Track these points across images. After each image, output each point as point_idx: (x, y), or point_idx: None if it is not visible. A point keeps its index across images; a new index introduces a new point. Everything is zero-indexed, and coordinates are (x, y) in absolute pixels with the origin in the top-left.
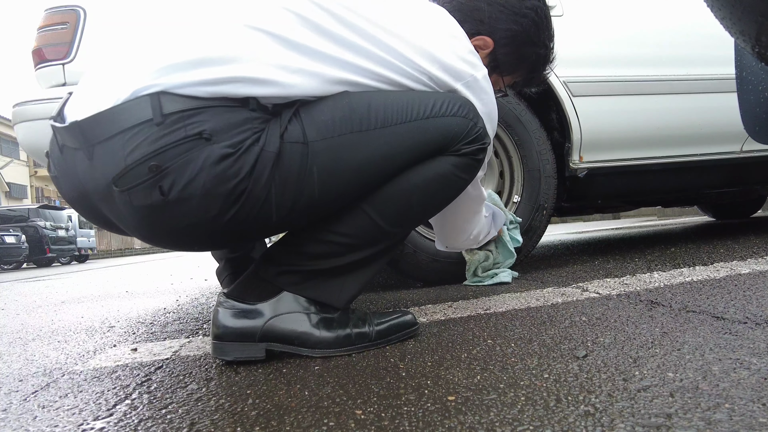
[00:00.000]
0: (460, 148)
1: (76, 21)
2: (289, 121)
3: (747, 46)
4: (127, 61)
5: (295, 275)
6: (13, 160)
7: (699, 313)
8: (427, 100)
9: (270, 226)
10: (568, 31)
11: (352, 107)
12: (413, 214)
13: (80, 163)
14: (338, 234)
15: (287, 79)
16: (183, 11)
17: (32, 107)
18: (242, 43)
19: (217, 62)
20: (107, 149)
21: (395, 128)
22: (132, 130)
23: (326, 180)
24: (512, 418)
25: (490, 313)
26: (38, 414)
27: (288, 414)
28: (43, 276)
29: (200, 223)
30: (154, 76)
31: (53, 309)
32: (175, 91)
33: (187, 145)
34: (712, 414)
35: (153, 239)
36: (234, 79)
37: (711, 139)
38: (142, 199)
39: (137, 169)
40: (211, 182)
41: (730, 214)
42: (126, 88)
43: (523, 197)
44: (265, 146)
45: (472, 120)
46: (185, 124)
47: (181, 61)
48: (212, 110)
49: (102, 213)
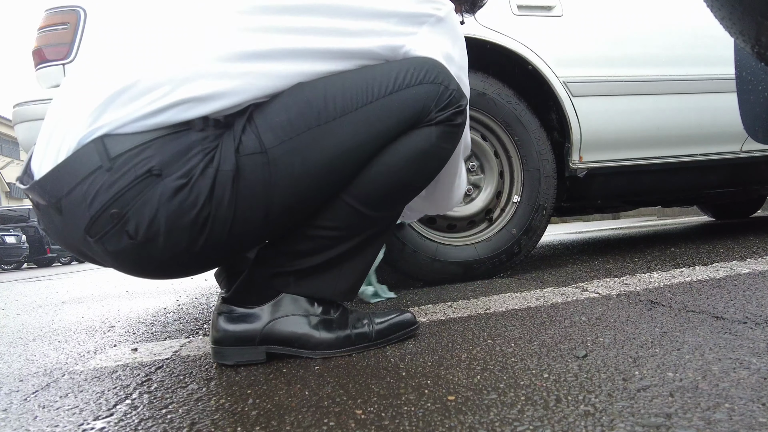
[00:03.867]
0: (434, 117)
1: (76, 21)
2: (243, 131)
3: (747, 46)
4: (69, 101)
5: (288, 276)
6: (14, 160)
7: (699, 312)
8: (389, 74)
9: (250, 240)
10: (568, 31)
11: (307, 100)
12: (398, 195)
13: (55, 218)
14: (324, 228)
15: (231, 87)
16: (114, 31)
17: (33, 107)
18: (175, 61)
19: (150, 88)
20: (71, 202)
21: (358, 113)
22: (87, 180)
23: (296, 184)
24: (512, 418)
25: (490, 313)
26: (39, 414)
27: (288, 414)
28: (44, 276)
29: (176, 256)
30: (92, 118)
31: (54, 309)
32: (117, 131)
33: (140, 186)
34: (712, 414)
35: (138, 275)
36: (174, 104)
37: (711, 139)
38: (114, 245)
39: (101, 218)
40: (172, 217)
41: (730, 214)
42: (71, 137)
43: (523, 197)
44: (220, 166)
45: (443, 83)
46: (134, 164)
47: (112, 94)
48: (157, 142)
49: (91, 256)
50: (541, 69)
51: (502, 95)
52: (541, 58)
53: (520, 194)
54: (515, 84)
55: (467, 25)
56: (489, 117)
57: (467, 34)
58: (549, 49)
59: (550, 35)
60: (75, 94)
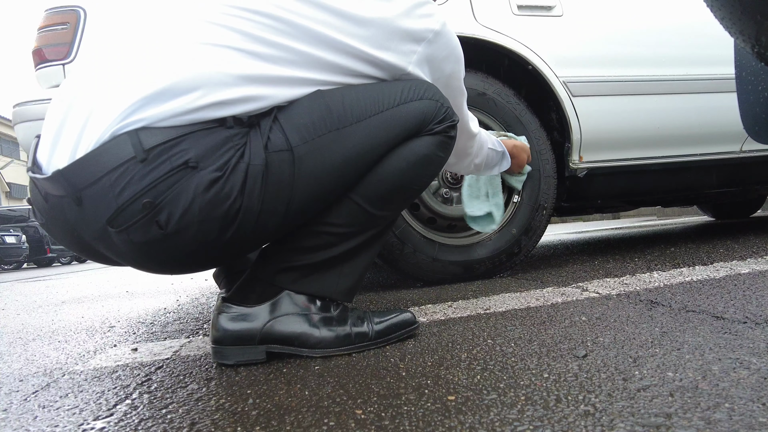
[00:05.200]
0: (433, 128)
1: (76, 21)
2: (270, 130)
3: (747, 46)
4: (93, 96)
5: (292, 272)
6: (14, 160)
7: (699, 312)
8: (395, 89)
9: (267, 234)
10: (568, 30)
11: (328, 106)
12: (401, 195)
13: (69, 210)
14: (330, 225)
15: (258, 92)
16: (143, 30)
17: (33, 107)
18: (209, 64)
19: (189, 90)
20: (95, 192)
21: (372, 120)
22: (117, 170)
23: (315, 181)
24: (512, 418)
25: (490, 313)
26: (39, 414)
27: (288, 414)
28: (44, 276)
29: (201, 248)
30: (126, 113)
31: (53, 309)
32: (152, 125)
33: (176, 177)
34: (712, 413)
35: (155, 269)
36: (207, 105)
37: (711, 139)
38: (141, 235)
39: (131, 208)
40: (207, 208)
41: (730, 214)
42: (102, 128)
43: (523, 197)
44: (251, 160)
45: (438, 101)
46: (169, 156)
47: (153, 93)
48: (192, 136)
49: (98, 250)
50: (541, 69)
51: (502, 95)
52: (541, 58)
53: (520, 194)
54: (515, 84)
55: (468, 25)
56: (489, 117)
57: (468, 34)
58: (549, 49)
59: (550, 35)
60: (97, 88)
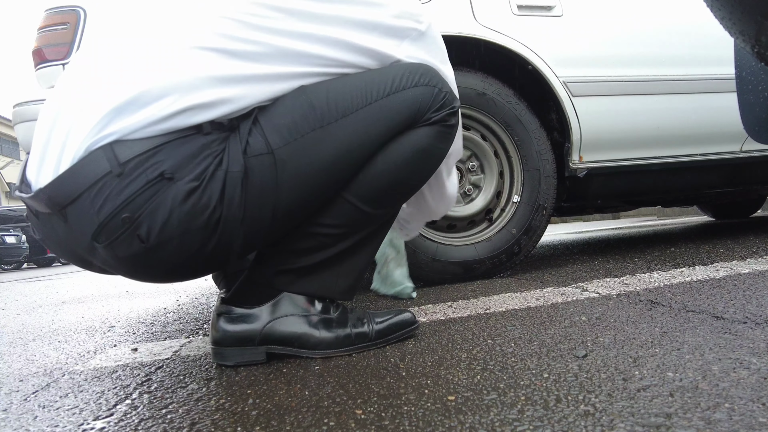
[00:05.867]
0: (430, 117)
1: (76, 21)
2: (249, 134)
3: (747, 46)
4: (67, 109)
5: (289, 274)
6: (14, 160)
7: (699, 312)
8: (386, 77)
9: (256, 241)
10: (568, 30)
11: (311, 103)
12: (396, 193)
13: (58, 226)
14: (325, 226)
15: (233, 93)
16: (118, 36)
17: (33, 107)
18: (180, 68)
19: (159, 96)
20: (78, 209)
21: (359, 114)
22: (95, 186)
23: (301, 183)
24: (512, 418)
25: (490, 313)
26: (39, 414)
27: (288, 414)
28: (44, 276)
29: (187, 259)
30: (99, 126)
31: (54, 309)
32: (126, 137)
33: (152, 189)
34: (712, 414)
35: (148, 279)
36: (180, 111)
37: (710, 139)
38: (125, 249)
39: (111, 223)
40: (186, 219)
41: (730, 214)
42: (77, 143)
43: (523, 197)
44: (229, 167)
45: (436, 86)
46: (144, 169)
47: (123, 103)
48: (168, 146)
49: (94, 262)
50: (541, 69)
51: (502, 95)
52: (540, 58)
53: (520, 194)
54: (515, 84)
55: (468, 25)
56: (489, 117)
57: (468, 34)
58: (549, 49)
59: (550, 35)
60: (74, 101)
